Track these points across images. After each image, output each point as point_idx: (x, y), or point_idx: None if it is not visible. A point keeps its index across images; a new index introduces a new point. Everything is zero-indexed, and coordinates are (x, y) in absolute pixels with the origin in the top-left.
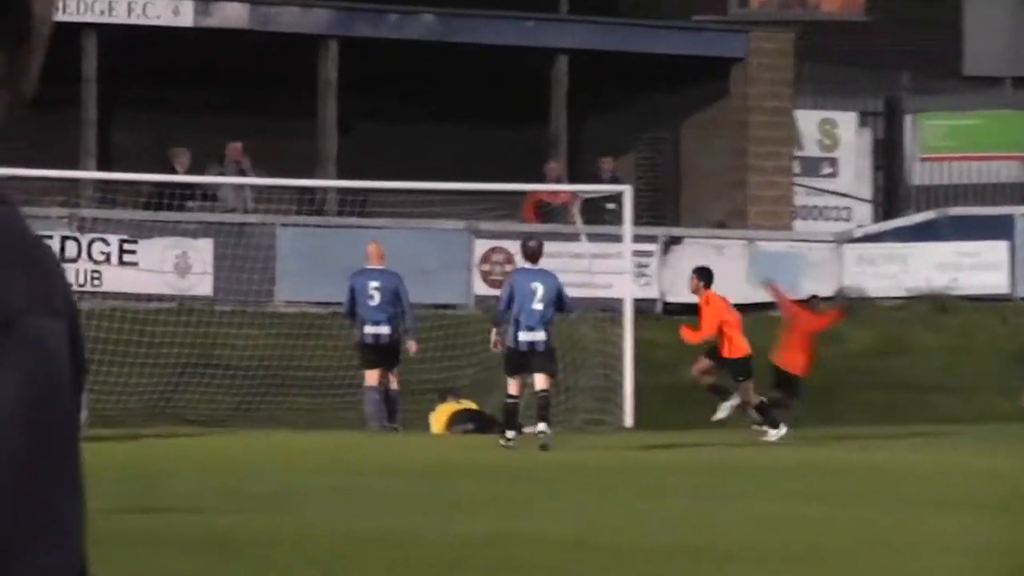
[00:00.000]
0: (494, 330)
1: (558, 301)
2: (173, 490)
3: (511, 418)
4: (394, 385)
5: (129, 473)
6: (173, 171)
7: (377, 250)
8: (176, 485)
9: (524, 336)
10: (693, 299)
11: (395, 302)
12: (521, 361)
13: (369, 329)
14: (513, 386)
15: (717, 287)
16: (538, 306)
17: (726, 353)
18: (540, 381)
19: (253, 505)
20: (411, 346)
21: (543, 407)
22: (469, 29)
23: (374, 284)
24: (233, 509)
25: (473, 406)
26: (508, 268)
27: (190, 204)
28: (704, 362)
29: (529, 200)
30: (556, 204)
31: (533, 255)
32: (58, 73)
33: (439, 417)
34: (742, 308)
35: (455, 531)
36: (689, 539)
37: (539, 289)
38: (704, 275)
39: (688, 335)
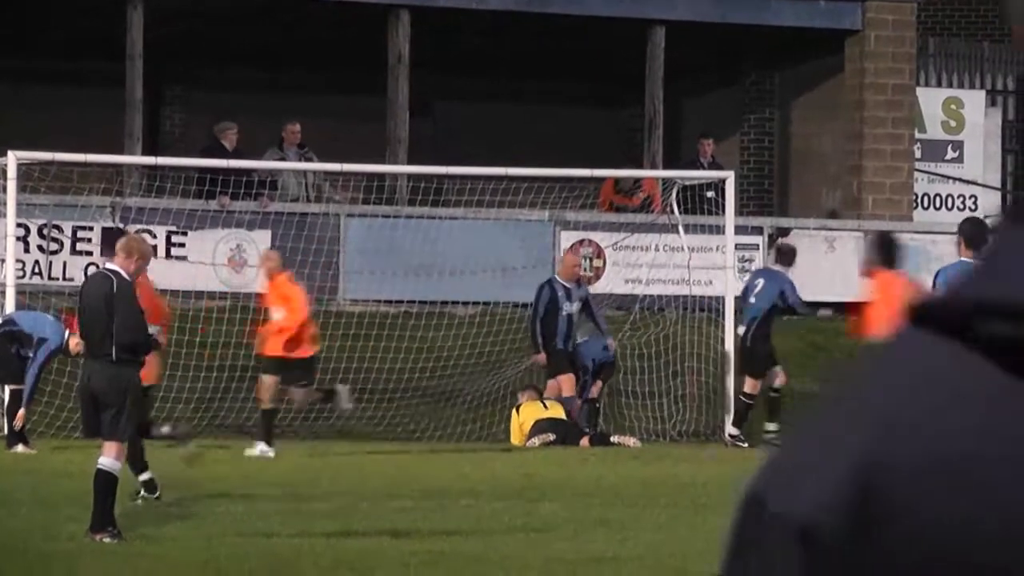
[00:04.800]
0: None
1: (780, 298)
2: (225, 508)
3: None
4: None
5: (175, 489)
6: (222, 149)
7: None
8: (229, 503)
9: (740, 330)
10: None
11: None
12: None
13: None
14: (749, 384)
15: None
16: (751, 300)
17: None
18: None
19: (314, 526)
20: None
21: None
22: None
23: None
24: (292, 531)
25: (559, 413)
26: (597, 262)
27: (234, 194)
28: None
29: (605, 193)
30: (632, 206)
31: (783, 256)
32: (101, 48)
33: (523, 420)
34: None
35: (539, 554)
36: None
37: (758, 285)
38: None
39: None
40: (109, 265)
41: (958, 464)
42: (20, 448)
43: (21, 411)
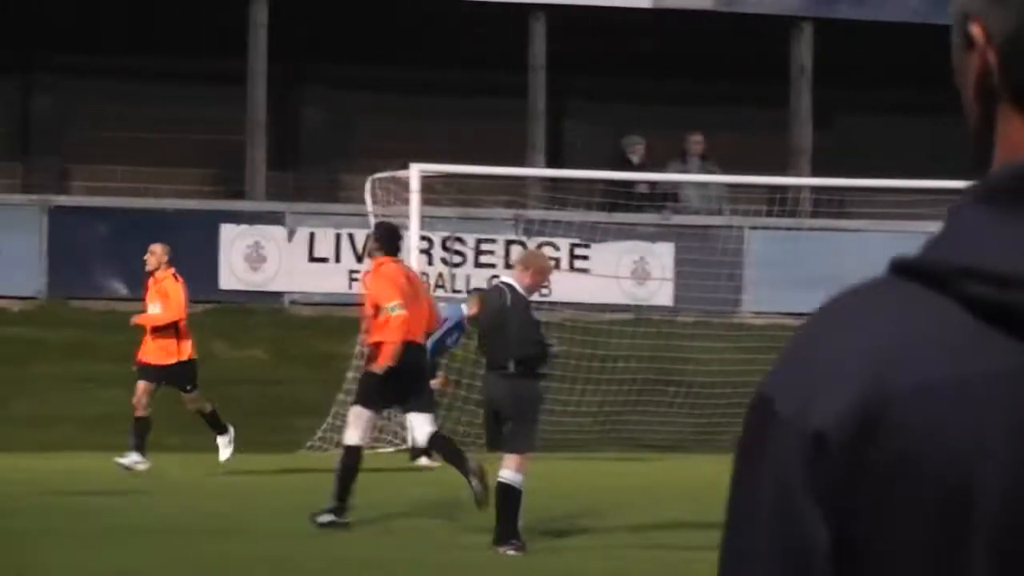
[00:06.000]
0: None
1: None
2: (629, 520)
3: None
4: None
5: (577, 504)
6: (628, 163)
7: None
8: (627, 516)
9: None
10: None
11: None
12: None
13: None
14: None
15: None
16: None
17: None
18: None
19: (715, 540)
20: None
21: None
22: None
23: None
24: (697, 543)
25: None
26: None
27: (647, 206)
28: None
29: None
30: None
31: None
32: (504, 59)
33: None
34: None
35: None
36: None
37: None
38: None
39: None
40: (505, 278)
41: (942, 392)
42: (423, 461)
43: (433, 381)
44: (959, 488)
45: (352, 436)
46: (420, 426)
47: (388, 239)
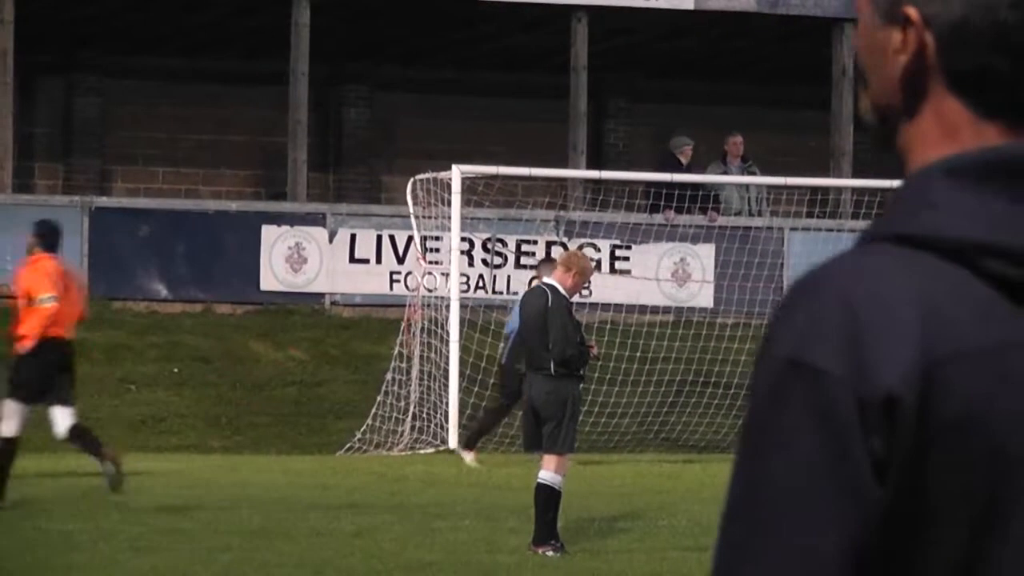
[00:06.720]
0: None
1: None
2: (667, 522)
3: None
4: None
5: (617, 505)
6: (677, 164)
7: None
8: (668, 517)
9: None
10: None
11: None
12: None
13: None
14: None
15: None
16: None
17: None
18: None
19: None
20: None
21: None
22: None
23: None
24: None
25: None
26: None
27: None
28: None
29: None
30: None
31: None
32: (546, 60)
33: None
34: None
35: None
36: None
37: None
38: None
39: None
40: (547, 279)
41: (983, 358)
42: (469, 458)
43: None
44: (1006, 450)
45: (9, 428)
46: (61, 419)
47: (48, 236)
